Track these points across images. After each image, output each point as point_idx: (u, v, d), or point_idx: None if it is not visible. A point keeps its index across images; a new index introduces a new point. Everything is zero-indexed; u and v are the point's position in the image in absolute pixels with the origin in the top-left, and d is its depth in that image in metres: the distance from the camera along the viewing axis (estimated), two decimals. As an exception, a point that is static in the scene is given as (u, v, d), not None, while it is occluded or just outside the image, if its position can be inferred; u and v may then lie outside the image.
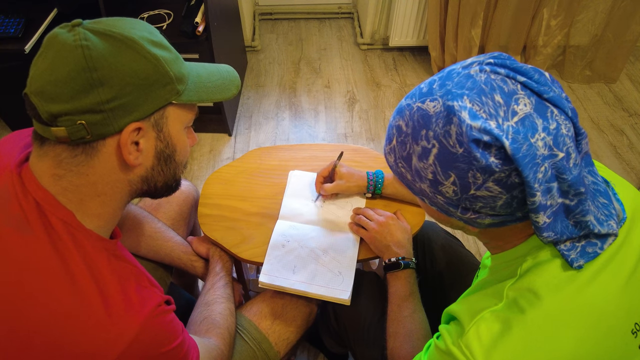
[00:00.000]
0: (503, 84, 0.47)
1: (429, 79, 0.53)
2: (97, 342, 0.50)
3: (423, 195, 0.55)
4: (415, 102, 0.51)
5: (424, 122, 0.49)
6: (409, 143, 0.52)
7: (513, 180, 0.46)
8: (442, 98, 0.48)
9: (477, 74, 0.48)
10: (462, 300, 0.60)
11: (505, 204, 0.48)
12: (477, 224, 0.53)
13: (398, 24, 2.24)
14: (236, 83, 0.67)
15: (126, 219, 0.91)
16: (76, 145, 0.53)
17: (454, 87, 0.48)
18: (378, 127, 2.08)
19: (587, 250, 0.50)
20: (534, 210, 0.47)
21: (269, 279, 0.91)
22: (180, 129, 0.61)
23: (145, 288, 0.58)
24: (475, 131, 0.45)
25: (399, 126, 0.53)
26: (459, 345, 0.51)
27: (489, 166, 0.45)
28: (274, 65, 2.41)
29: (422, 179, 0.52)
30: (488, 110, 0.46)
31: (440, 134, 0.47)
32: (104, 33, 0.52)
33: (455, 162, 0.47)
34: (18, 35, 1.49)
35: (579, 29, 2.15)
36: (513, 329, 0.49)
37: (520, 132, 0.45)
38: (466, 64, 0.50)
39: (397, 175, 0.57)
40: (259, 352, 0.87)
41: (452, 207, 0.52)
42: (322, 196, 1.05)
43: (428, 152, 0.49)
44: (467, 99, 0.46)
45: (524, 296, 0.50)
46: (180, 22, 1.65)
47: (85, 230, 0.56)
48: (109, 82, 0.51)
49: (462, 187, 0.48)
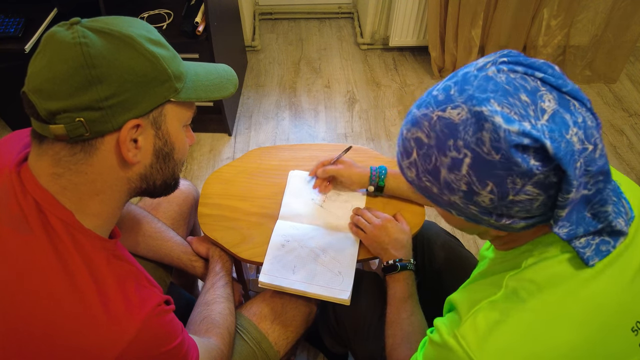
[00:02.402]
0: (524, 82, 0.45)
1: (439, 85, 0.50)
2: (96, 342, 0.50)
3: (451, 207, 0.52)
4: (433, 111, 0.48)
5: (449, 131, 0.47)
6: (434, 155, 0.49)
7: (551, 180, 0.45)
8: (466, 104, 0.46)
9: (496, 75, 0.46)
10: (461, 290, 0.60)
11: (541, 204, 0.47)
12: (511, 228, 0.51)
13: (398, 24, 2.24)
14: (234, 82, 0.67)
15: (126, 219, 0.91)
16: (75, 143, 0.53)
17: (476, 91, 0.46)
18: (378, 127, 2.08)
19: (601, 249, 0.49)
20: (562, 207, 0.46)
21: (268, 279, 0.91)
22: (179, 127, 0.61)
23: (145, 288, 0.57)
24: (515, 135, 0.43)
25: (417, 138, 0.50)
26: (454, 335, 0.51)
27: (529, 170, 0.44)
28: (274, 65, 2.41)
29: (453, 191, 0.49)
30: (519, 112, 0.44)
31: (472, 142, 0.45)
32: (102, 31, 0.52)
33: (492, 170, 0.45)
34: (18, 34, 1.49)
35: (579, 29, 2.15)
36: (510, 318, 0.49)
37: (555, 129, 0.43)
38: (479, 66, 0.48)
39: (420, 190, 0.54)
40: (259, 351, 0.87)
41: (486, 216, 0.49)
42: (319, 190, 1.04)
43: (460, 163, 0.47)
44: (495, 102, 0.44)
45: (524, 287, 0.50)
46: (180, 22, 1.65)
47: (85, 230, 0.55)
48: (108, 79, 0.51)
49: (501, 194, 0.46)
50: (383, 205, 1.04)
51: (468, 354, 0.49)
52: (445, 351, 0.52)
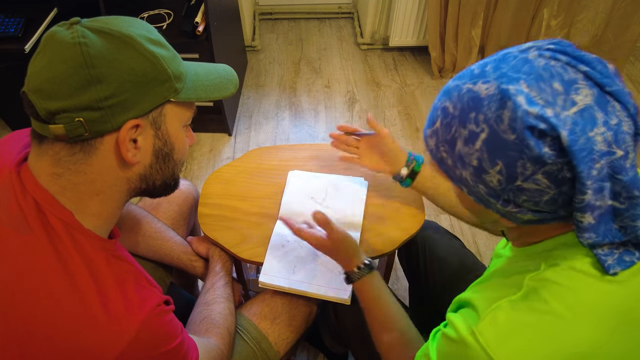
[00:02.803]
0: (563, 72, 0.44)
1: (480, 61, 0.50)
2: (96, 342, 0.50)
3: (462, 184, 0.52)
4: (465, 83, 0.49)
5: (474, 104, 0.47)
6: (455, 126, 0.49)
7: (564, 175, 0.44)
8: (497, 81, 0.46)
9: (536, 59, 0.46)
10: (476, 288, 0.58)
11: (550, 199, 0.46)
12: (516, 218, 0.50)
13: (398, 24, 2.24)
14: (234, 82, 0.67)
15: (126, 219, 0.91)
16: (74, 143, 0.53)
17: (510, 70, 0.46)
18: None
19: (625, 259, 0.48)
20: (580, 210, 0.45)
21: (268, 279, 0.91)
22: (179, 127, 0.61)
23: (144, 288, 0.57)
24: (532, 117, 0.43)
25: (444, 108, 0.51)
26: (472, 332, 0.49)
27: (541, 156, 0.43)
28: (274, 65, 2.41)
29: (465, 165, 0.49)
30: (545, 98, 0.43)
31: (492, 118, 0.45)
32: (101, 31, 0.52)
33: (504, 150, 0.45)
34: (18, 34, 1.49)
35: (579, 29, 2.15)
36: (533, 319, 0.48)
37: (579, 123, 0.42)
38: (523, 48, 0.48)
39: (436, 160, 0.54)
40: (259, 351, 0.87)
41: (493, 198, 0.49)
42: (342, 157, 1.00)
43: (476, 137, 0.47)
44: (523, 84, 0.44)
45: (545, 287, 0.49)
46: (180, 22, 1.65)
47: (84, 230, 0.55)
48: (107, 79, 0.51)
49: (509, 176, 0.46)
50: (383, 204, 1.04)
51: (486, 351, 0.47)
52: (462, 347, 0.50)
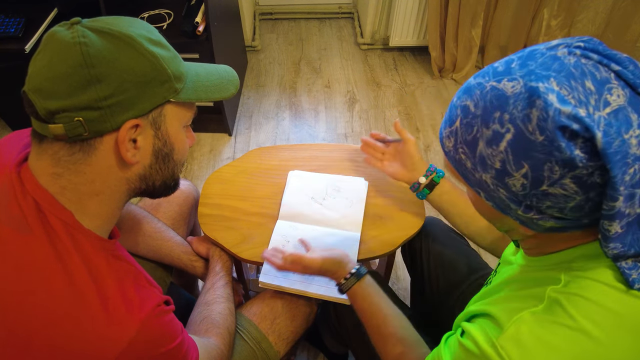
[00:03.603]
0: (595, 70, 0.42)
1: (504, 58, 0.48)
2: (95, 343, 0.50)
3: (480, 188, 0.49)
4: (488, 81, 0.46)
5: (498, 103, 0.44)
6: (476, 125, 0.46)
7: (594, 180, 0.41)
8: (524, 78, 0.43)
9: (566, 57, 0.43)
10: (491, 299, 0.56)
11: (576, 206, 0.43)
12: (537, 226, 0.48)
13: (398, 24, 2.24)
14: (235, 83, 0.67)
15: (126, 219, 0.91)
16: (74, 142, 0.53)
17: (538, 67, 0.43)
18: (378, 127, 2.08)
19: None
20: (609, 217, 0.42)
21: (269, 279, 0.91)
22: (179, 128, 0.61)
23: (144, 288, 0.57)
24: (564, 117, 0.40)
25: (465, 106, 0.48)
26: (494, 345, 0.47)
27: (572, 159, 0.40)
28: (274, 65, 2.41)
29: (486, 168, 0.47)
30: (577, 97, 0.41)
31: (518, 118, 0.43)
32: (102, 31, 0.52)
33: (531, 151, 0.42)
34: (18, 34, 1.49)
35: (579, 29, 2.15)
36: (559, 336, 0.45)
37: (613, 125, 0.40)
38: (551, 45, 0.45)
39: (454, 162, 0.51)
40: (259, 351, 0.87)
41: (514, 204, 0.47)
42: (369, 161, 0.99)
43: (500, 138, 0.44)
44: (554, 82, 0.41)
45: (570, 300, 0.46)
46: (181, 22, 1.65)
47: (84, 230, 0.55)
48: (107, 79, 0.51)
49: (534, 180, 0.43)
50: (383, 204, 1.04)
51: None
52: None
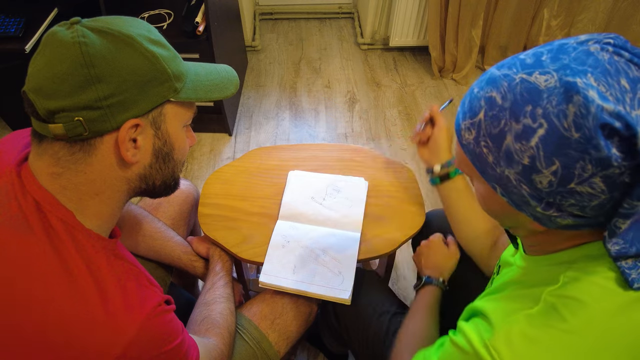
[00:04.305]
0: (627, 68, 0.41)
1: (531, 50, 0.46)
2: (96, 342, 0.50)
3: (499, 183, 0.48)
4: (517, 73, 0.45)
5: (530, 96, 0.43)
6: (504, 119, 0.45)
7: (623, 180, 0.41)
8: (558, 72, 0.42)
9: (599, 52, 0.42)
10: (489, 298, 0.56)
11: (599, 205, 0.43)
12: (552, 223, 0.47)
13: (398, 24, 2.24)
14: (235, 82, 0.67)
15: (126, 219, 0.91)
16: (74, 142, 0.53)
17: (573, 62, 0.42)
18: (378, 127, 2.08)
19: None
20: (625, 216, 0.42)
21: (269, 279, 0.91)
22: (179, 127, 0.61)
23: (145, 287, 0.57)
24: (607, 114, 0.39)
25: (491, 98, 0.46)
26: (486, 346, 0.47)
27: (608, 158, 0.39)
28: (274, 65, 2.41)
29: (512, 163, 0.45)
30: (615, 94, 0.40)
31: (552, 113, 0.41)
32: (102, 30, 0.52)
33: (565, 148, 0.41)
34: (18, 34, 1.49)
35: (579, 29, 2.15)
36: (550, 339, 0.45)
37: None
38: (581, 40, 0.44)
39: (472, 155, 0.50)
40: (259, 351, 0.87)
41: (535, 201, 0.46)
42: (415, 137, 0.96)
43: (531, 133, 0.43)
44: (591, 77, 0.40)
45: (565, 304, 0.46)
46: (181, 22, 1.65)
47: (85, 230, 0.55)
48: (107, 78, 0.51)
49: (563, 178, 0.42)
50: (383, 204, 1.04)
51: None
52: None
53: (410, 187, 1.07)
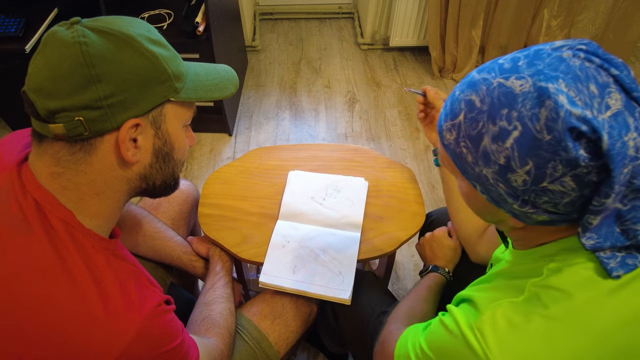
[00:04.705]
0: (597, 74, 0.44)
1: (509, 55, 0.49)
2: (96, 342, 0.50)
3: (478, 182, 0.50)
4: (495, 77, 0.47)
5: (506, 100, 0.45)
6: (482, 121, 0.47)
7: (591, 179, 0.43)
8: (532, 78, 0.44)
9: (571, 59, 0.45)
10: (478, 287, 0.58)
11: (570, 202, 0.45)
12: (529, 219, 0.50)
13: (398, 24, 2.24)
14: (234, 82, 0.67)
15: (126, 219, 0.91)
16: (74, 142, 0.53)
17: (546, 67, 0.44)
18: (378, 127, 2.08)
19: (627, 262, 0.48)
20: (595, 212, 0.44)
21: (269, 279, 0.91)
22: (179, 127, 0.61)
23: (145, 288, 0.57)
24: (574, 118, 0.41)
25: (470, 101, 0.49)
26: (472, 328, 0.49)
27: (576, 159, 0.42)
28: (275, 65, 2.41)
29: (489, 163, 0.48)
30: (584, 99, 0.42)
31: (527, 116, 0.44)
32: (102, 30, 0.52)
33: (537, 150, 0.44)
34: (18, 34, 1.49)
35: (579, 29, 2.15)
36: (531, 324, 0.47)
37: (615, 127, 0.42)
38: (555, 46, 0.47)
39: (453, 155, 0.53)
40: (259, 351, 0.87)
41: (511, 198, 0.48)
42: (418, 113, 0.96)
43: (507, 135, 0.45)
44: (562, 83, 0.43)
45: (548, 293, 0.48)
46: (181, 22, 1.65)
47: (85, 230, 0.55)
48: (107, 78, 0.51)
49: (536, 177, 0.45)
50: (383, 204, 1.04)
51: (485, 352, 0.47)
52: (459, 341, 0.50)
53: (410, 187, 1.07)
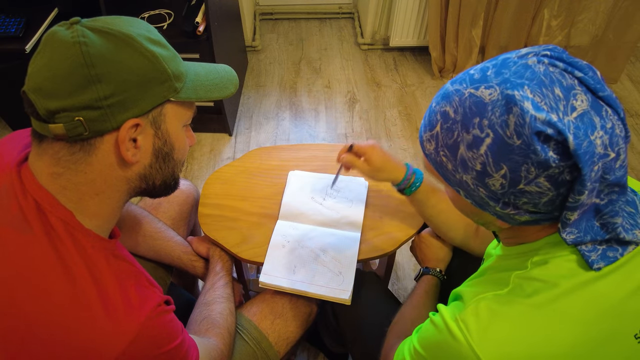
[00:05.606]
0: (561, 78, 0.46)
1: (479, 65, 0.51)
2: (96, 343, 0.50)
3: (461, 187, 0.53)
4: (466, 88, 0.49)
5: (477, 109, 0.47)
6: (457, 130, 0.50)
7: (564, 178, 0.45)
8: (500, 86, 0.46)
9: (535, 65, 0.47)
10: (468, 283, 0.60)
11: (549, 201, 0.47)
12: (513, 220, 0.52)
13: (398, 24, 2.24)
14: (234, 82, 0.67)
15: (126, 219, 0.91)
16: (74, 142, 0.53)
17: (512, 76, 0.46)
18: (378, 127, 2.08)
19: (608, 255, 0.50)
20: (572, 209, 0.46)
21: (269, 279, 0.91)
22: (179, 127, 0.61)
23: (145, 288, 0.57)
24: (539, 123, 0.43)
25: (445, 112, 0.51)
26: (455, 319, 0.52)
27: (546, 160, 0.44)
28: (275, 65, 2.41)
29: (467, 169, 0.50)
30: (549, 103, 0.44)
31: (497, 124, 0.46)
32: (101, 30, 0.52)
33: (510, 154, 0.46)
34: (19, 35, 1.49)
35: (579, 29, 2.15)
36: (513, 311, 0.49)
37: (581, 128, 0.44)
38: (521, 54, 0.49)
39: (434, 164, 0.55)
40: (259, 351, 0.87)
41: (493, 201, 0.50)
42: (340, 172, 0.91)
43: (480, 142, 0.47)
44: (528, 89, 0.45)
45: (531, 284, 0.51)
46: (181, 22, 1.65)
47: (85, 230, 0.55)
48: (107, 78, 0.51)
49: (512, 180, 0.47)
50: (383, 204, 1.04)
51: (468, 340, 0.49)
52: (445, 334, 0.52)
53: (411, 187, 1.07)
